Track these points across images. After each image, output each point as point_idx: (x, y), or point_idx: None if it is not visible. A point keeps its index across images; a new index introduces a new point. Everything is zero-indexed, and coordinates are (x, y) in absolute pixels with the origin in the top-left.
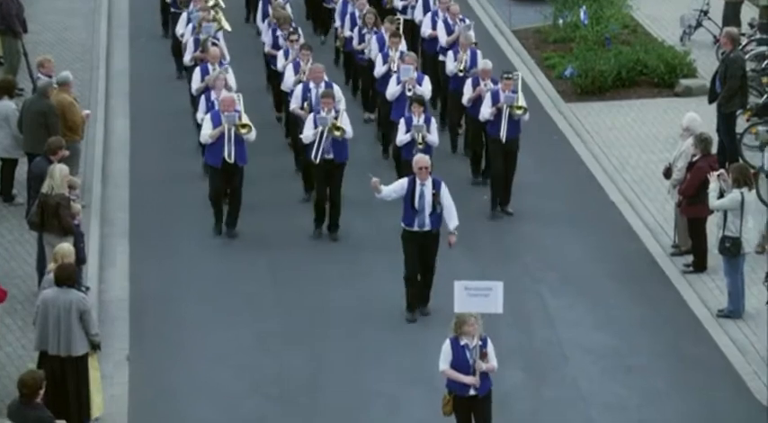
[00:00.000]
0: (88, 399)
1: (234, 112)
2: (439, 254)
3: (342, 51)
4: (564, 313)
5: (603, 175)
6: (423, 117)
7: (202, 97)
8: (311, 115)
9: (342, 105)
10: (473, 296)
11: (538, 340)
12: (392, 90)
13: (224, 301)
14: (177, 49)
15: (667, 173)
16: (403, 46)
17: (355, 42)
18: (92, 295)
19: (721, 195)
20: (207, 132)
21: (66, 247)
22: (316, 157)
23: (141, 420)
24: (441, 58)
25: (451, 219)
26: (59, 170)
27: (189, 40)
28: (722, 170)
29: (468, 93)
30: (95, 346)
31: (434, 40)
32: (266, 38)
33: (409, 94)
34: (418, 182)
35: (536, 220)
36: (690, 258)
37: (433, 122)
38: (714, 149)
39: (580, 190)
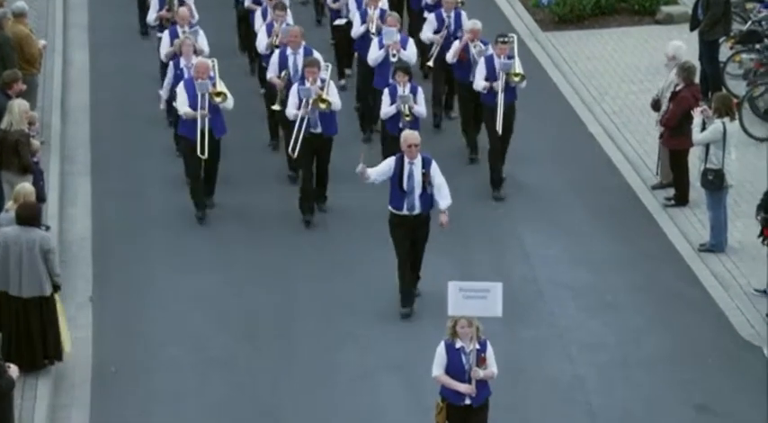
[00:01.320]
0: (58, 339)
1: (206, 81)
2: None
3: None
4: (541, 250)
5: (582, 107)
6: (408, 86)
7: (171, 65)
8: (294, 86)
9: (327, 73)
10: (469, 298)
11: (515, 278)
12: (374, 55)
13: (190, 241)
14: (142, 3)
15: (656, 105)
16: (384, 4)
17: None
18: (53, 235)
19: (704, 128)
20: (184, 109)
21: (28, 186)
22: (297, 139)
23: (106, 363)
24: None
25: (443, 198)
26: (18, 105)
27: (153, 0)
28: (705, 106)
29: (454, 50)
30: (56, 288)
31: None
32: None
33: (393, 59)
34: (406, 161)
35: (512, 153)
36: (672, 192)
37: (420, 92)
38: (696, 79)
39: (558, 122)
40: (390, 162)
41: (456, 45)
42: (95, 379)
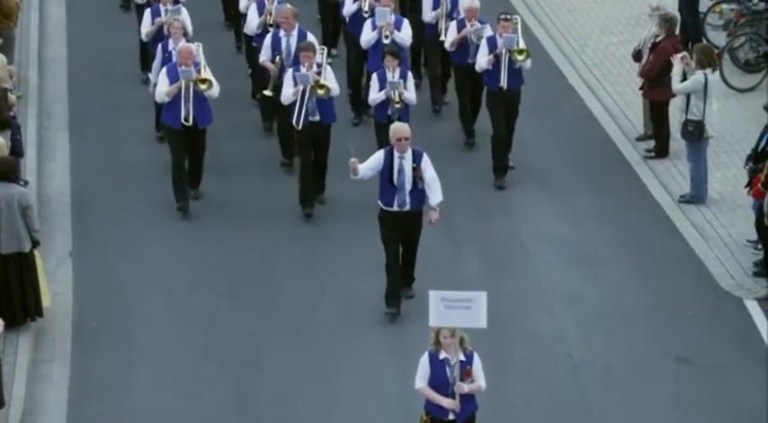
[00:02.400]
0: (37, 295)
1: (191, 68)
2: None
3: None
4: (521, 202)
5: (562, 59)
6: (398, 71)
7: (159, 48)
8: (290, 72)
9: (323, 58)
10: (451, 308)
11: (495, 231)
12: (367, 37)
13: (171, 196)
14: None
15: (637, 56)
16: None
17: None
18: (31, 190)
19: (685, 78)
20: (163, 90)
21: (1, 141)
22: (299, 122)
23: (86, 317)
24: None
25: (434, 193)
26: (1, 61)
27: None
28: (685, 53)
29: (451, 35)
30: (35, 243)
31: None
32: None
33: (386, 41)
34: (396, 154)
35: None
36: (652, 143)
37: (410, 77)
38: (677, 30)
39: (538, 74)
40: (379, 156)
41: (453, 30)
42: (76, 334)
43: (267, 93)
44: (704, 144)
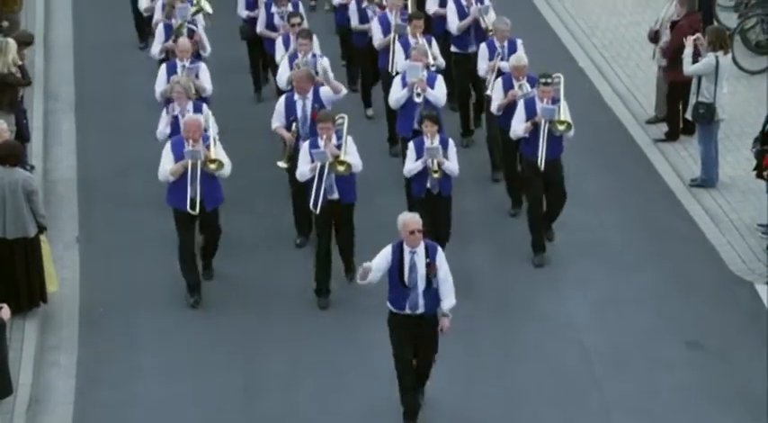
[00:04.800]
0: (42, 281)
1: (198, 148)
2: None
3: (336, 23)
4: None
5: (571, 40)
6: (438, 138)
7: (165, 113)
8: (305, 146)
9: (344, 127)
10: None
11: (504, 214)
12: (396, 95)
13: None
14: (139, 18)
15: (655, 36)
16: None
17: (354, 21)
18: (37, 175)
19: (696, 61)
20: (167, 168)
21: (2, 125)
22: (316, 204)
23: (93, 303)
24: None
25: (447, 296)
26: (12, 45)
27: (159, 28)
28: (698, 34)
29: (498, 98)
30: (42, 229)
31: (442, 19)
32: (260, 14)
33: (418, 100)
34: (407, 249)
35: None
36: (665, 127)
37: (452, 144)
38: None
39: (547, 57)
40: (387, 252)
41: (499, 88)
42: (83, 319)
43: (281, 164)
44: (715, 127)
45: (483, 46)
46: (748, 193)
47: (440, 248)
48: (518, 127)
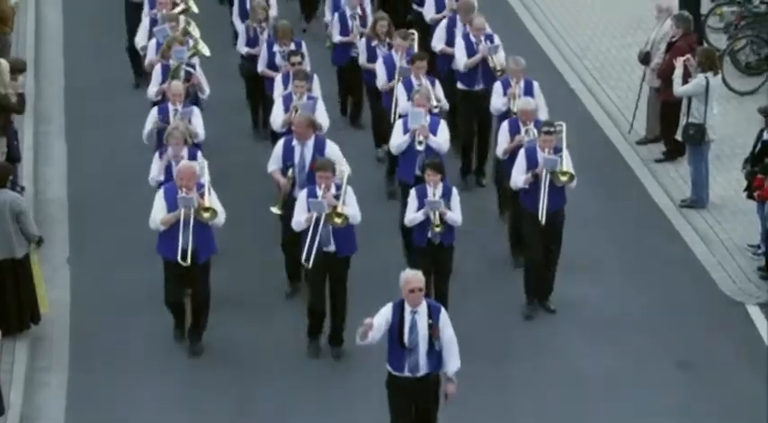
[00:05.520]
0: (33, 302)
1: (192, 196)
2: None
3: (332, 61)
4: None
5: (562, 61)
6: (441, 187)
7: (157, 158)
8: (302, 195)
9: (345, 172)
10: None
11: (495, 234)
12: (397, 141)
13: None
14: (135, 54)
15: (645, 58)
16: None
17: (362, 59)
18: (28, 196)
19: (687, 81)
20: (158, 217)
21: None
22: (308, 257)
23: (84, 324)
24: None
25: (451, 358)
26: (4, 65)
27: (156, 69)
28: (688, 55)
29: (503, 141)
30: (39, 242)
31: (448, 56)
32: (262, 53)
33: (419, 147)
34: (408, 309)
35: None
36: (654, 147)
37: (455, 194)
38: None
39: (537, 77)
40: (386, 312)
41: (505, 131)
42: (74, 341)
43: (275, 210)
44: (705, 147)
45: (498, 83)
46: (739, 214)
47: (443, 309)
48: (518, 178)
